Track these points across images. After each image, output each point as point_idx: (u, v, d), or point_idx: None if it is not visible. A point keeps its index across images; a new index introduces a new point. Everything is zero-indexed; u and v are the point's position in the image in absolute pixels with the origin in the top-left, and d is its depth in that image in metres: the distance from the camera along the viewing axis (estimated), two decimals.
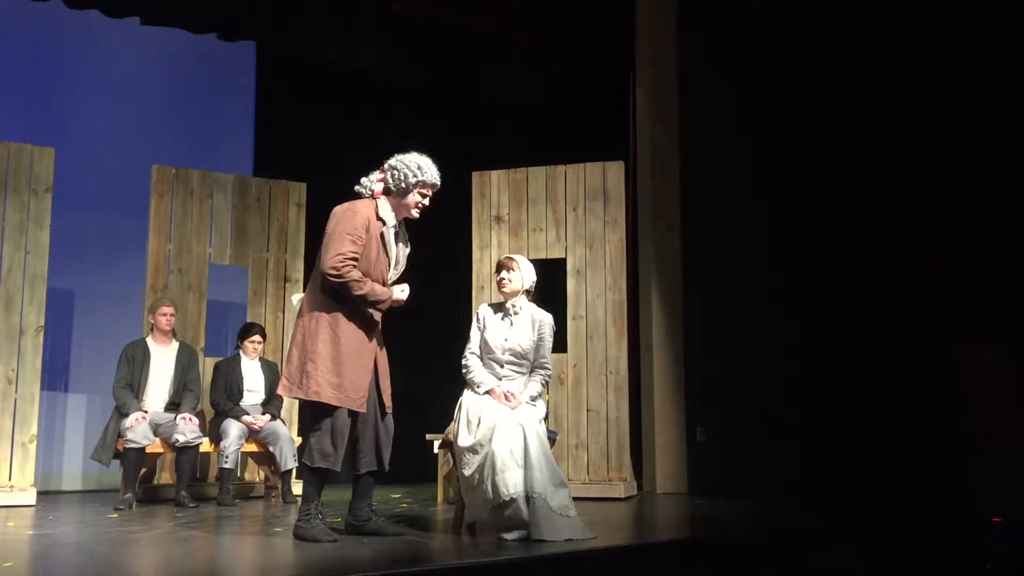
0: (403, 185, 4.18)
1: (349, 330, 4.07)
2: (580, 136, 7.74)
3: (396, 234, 4.25)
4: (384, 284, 4.17)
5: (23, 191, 6.05)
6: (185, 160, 6.93)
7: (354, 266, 4.04)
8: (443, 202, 6.97)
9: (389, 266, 4.21)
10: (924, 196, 6.37)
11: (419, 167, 4.20)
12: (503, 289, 4.59)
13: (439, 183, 4.27)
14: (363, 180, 4.28)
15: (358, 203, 4.19)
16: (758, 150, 7.04)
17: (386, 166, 4.25)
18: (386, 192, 4.23)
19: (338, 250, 4.01)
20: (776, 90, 7.04)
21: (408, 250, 4.35)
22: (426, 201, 4.25)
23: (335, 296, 4.07)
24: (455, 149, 7.95)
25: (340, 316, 4.07)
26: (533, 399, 4.47)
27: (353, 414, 4.13)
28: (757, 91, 7.10)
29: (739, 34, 7.24)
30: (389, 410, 4.27)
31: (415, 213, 4.25)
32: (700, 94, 7.29)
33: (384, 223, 4.17)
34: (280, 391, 4.21)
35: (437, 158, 4.25)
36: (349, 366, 4.04)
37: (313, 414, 4.15)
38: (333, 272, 4.00)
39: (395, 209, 4.23)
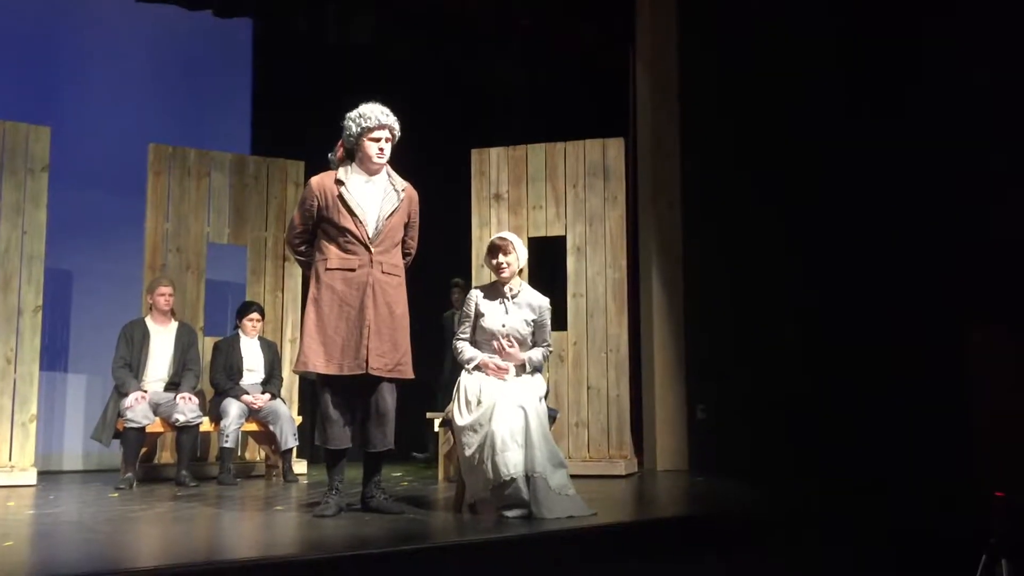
0: (352, 139, 4.19)
1: (328, 294, 4.13)
2: (580, 113, 7.69)
3: (369, 190, 4.18)
4: (364, 242, 4.13)
5: (19, 170, 6.01)
6: (182, 138, 6.89)
7: (302, 240, 4.27)
8: (442, 179, 7.01)
9: (359, 224, 4.13)
10: (926, 175, 6.34)
11: (359, 115, 4.17)
12: (503, 275, 4.51)
13: (388, 121, 4.18)
14: (329, 155, 4.30)
15: (318, 175, 4.26)
16: (759, 126, 6.99)
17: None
18: (348, 155, 4.24)
19: (289, 226, 4.40)
20: (777, 66, 6.99)
21: (397, 204, 4.23)
22: (382, 144, 4.17)
23: (316, 266, 4.20)
24: (454, 126, 7.94)
25: (322, 284, 4.15)
26: (534, 365, 4.47)
27: (350, 388, 4.13)
28: (758, 67, 7.04)
29: (739, 9, 7.17)
30: (378, 371, 4.10)
31: (378, 160, 4.18)
32: (700, 69, 7.23)
33: (343, 184, 4.15)
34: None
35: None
36: (331, 328, 4.08)
37: (312, 392, 4.17)
38: (287, 246, 4.45)
39: (361, 166, 4.21)
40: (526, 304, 4.53)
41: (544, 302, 4.59)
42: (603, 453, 6.36)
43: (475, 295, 4.57)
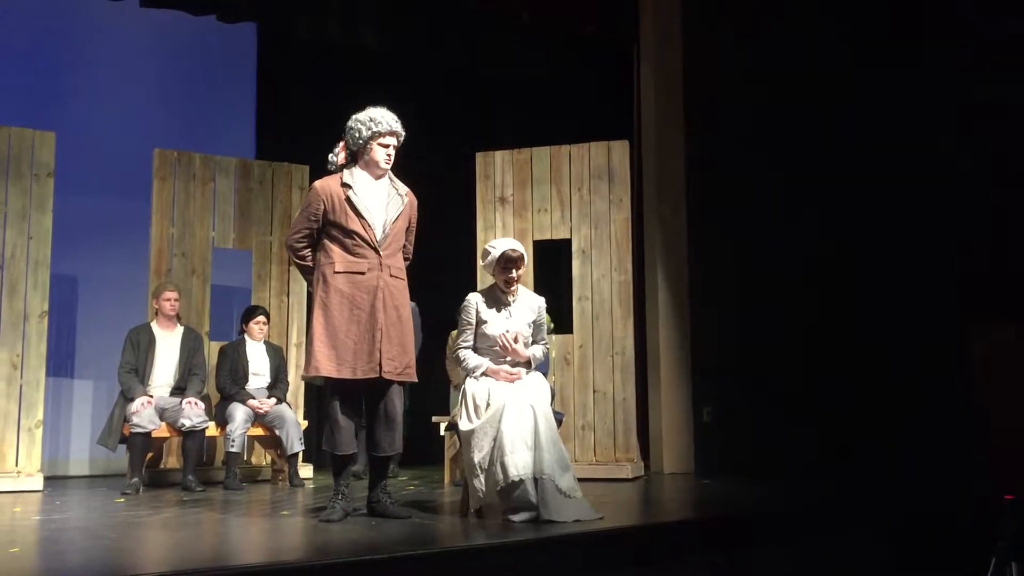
0: (361, 142, 4.18)
1: (336, 298, 4.09)
2: (584, 115, 7.68)
3: (375, 194, 4.18)
4: (373, 245, 4.12)
5: (25, 176, 6.02)
6: (187, 143, 6.89)
7: (305, 244, 4.20)
8: (447, 183, 7.01)
9: (367, 227, 4.13)
10: (926, 176, 6.33)
11: (370, 119, 4.16)
12: (512, 287, 4.51)
13: (397, 128, 4.20)
14: (329, 156, 4.27)
15: (322, 179, 4.23)
16: (764, 127, 6.98)
17: (344, 132, 4.23)
18: (352, 158, 4.23)
19: (291, 230, 4.31)
20: (783, 67, 6.97)
21: (402, 208, 4.24)
22: (390, 151, 4.19)
23: (322, 270, 4.14)
24: (459, 129, 7.94)
25: (330, 288, 4.11)
26: (538, 361, 4.49)
27: (358, 392, 4.12)
28: (763, 67, 7.03)
29: (744, 10, 7.16)
30: (389, 375, 4.09)
31: (384, 165, 4.20)
32: (705, 71, 7.21)
33: (349, 187, 4.14)
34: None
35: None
36: (342, 332, 4.05)
37: (318, 397, 4.16)
38: (288, 250, 4.31)
39: (367, 170, 4.20)
40: (526, 306, 4.55)
41: (540, 301, 4.62)
42: (609, 456, 6.35)
43: (475, 301, 4.52)
